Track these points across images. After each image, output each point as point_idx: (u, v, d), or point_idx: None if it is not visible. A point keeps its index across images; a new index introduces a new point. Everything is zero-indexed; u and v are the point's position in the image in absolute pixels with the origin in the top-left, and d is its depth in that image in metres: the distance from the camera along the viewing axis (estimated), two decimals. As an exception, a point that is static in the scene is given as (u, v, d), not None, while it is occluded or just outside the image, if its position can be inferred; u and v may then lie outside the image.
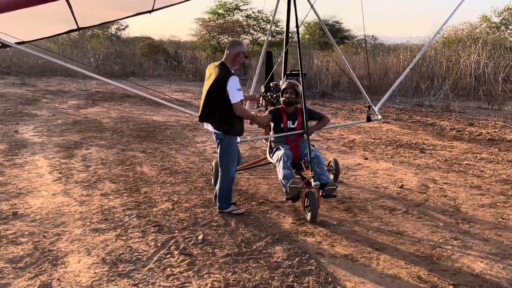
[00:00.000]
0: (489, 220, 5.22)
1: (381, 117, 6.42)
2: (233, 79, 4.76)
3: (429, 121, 12.14)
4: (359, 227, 4.94)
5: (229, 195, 5.19)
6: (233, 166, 5.12)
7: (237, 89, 4.77)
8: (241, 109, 4.91)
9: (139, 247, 4.32)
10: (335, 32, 33.69)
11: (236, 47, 4.95)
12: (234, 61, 4.97)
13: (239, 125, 5.01)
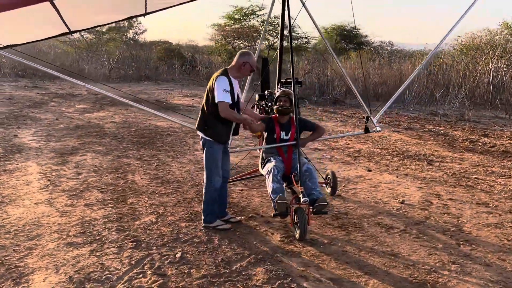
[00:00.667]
0: (494, 241, 4.85)
1: (380, 128, 6.08)
2: (221, 79, 4.61)
3: (442, 131, 11.71)
4: (351, 246, 4.62)
5: (214, 208, 4.91)
6: (217, 175, 4.85)
7: (222, 89, 4.56)
8: (226, 110, 4.60)
9: (111, 264, 4.07)
10: (352, 38, 33.31)
11: (244, 57, 4.78)
12: (239, 70, 4.81)
13: (221, 130, 4.77)
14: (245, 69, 4.79)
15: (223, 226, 4.91)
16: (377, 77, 19.82)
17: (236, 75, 4.80)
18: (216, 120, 4.68)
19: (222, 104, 4.57)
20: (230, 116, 4.67)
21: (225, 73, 4.72)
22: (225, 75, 4.68)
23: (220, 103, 4.57)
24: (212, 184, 4.82)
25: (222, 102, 4.57)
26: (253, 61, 4.80)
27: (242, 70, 4.79)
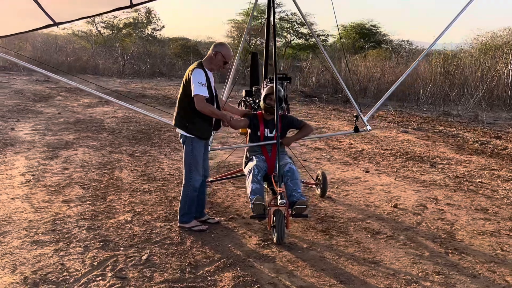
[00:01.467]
0: (486, 251, 4.52)
1: (370, 128, 5.77)
2: (197, 71, 4.36)
3: (452, 132, 11.30)
4: (331, 252, 4.34)
5: (190, 208, 4.68)
6: (197, 174, 4.59)
7: (198, 82, 4.30)
8: (203, 104, 4.34)
9: (72, 265, 3.88)
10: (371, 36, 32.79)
11: (216, 47, 4.52)
12: (211, 61, 4.53)
13: (202, 126, 4.53)
14: (217, 60, 4.50)
15: (199, 228, 4.68)
16: (392, 75, 19.35)
17: (209, 67, 4.54)
18: (197, 115, 4.45)
19: (198, 97, 4.32)
20: (206, 110, 4.41)
21: (201, 66, 4.47)
22: (200, 68, 4.43)
23: (196, 97, 4.32)
24: (191, 183, 4.58)
25: (198, 96, 4.32)
26: (226, 52, 4.50)
27: (214, 61, 4.51)
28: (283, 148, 5.27)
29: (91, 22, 31.22)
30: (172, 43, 32.30)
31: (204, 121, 4.53)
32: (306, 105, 15.54)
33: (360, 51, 28.97)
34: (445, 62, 19.11)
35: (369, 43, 32.62)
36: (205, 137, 4.63)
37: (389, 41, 31.61)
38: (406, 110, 15.20)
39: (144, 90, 17.16)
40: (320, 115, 13.46)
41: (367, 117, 5.77)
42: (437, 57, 19.91)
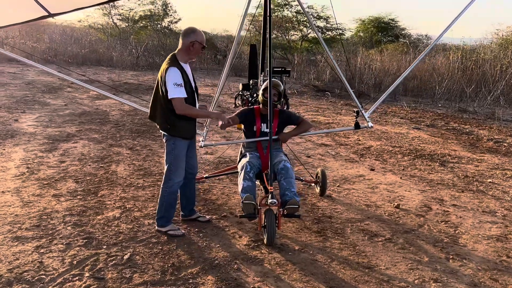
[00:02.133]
0: (490, 257, 4.26)
1: (372, 124, 5.49)
2: (171, 70, 4.00)
3: (466, 129, 10.93)
4: (324, 255, 4.13)
5: (168, 211, 4.37)
6: (177, 176, 4.29)
7: (173, 84, 3.96)
8: (183, 107, 4.06)
9: (51, 263, 3.73)
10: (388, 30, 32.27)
11: (190, 36, 4.13)
12: (188, 52, 4.17)
13: (186, 126, 4.23)
14: (195, 49, 4.15)
15: (175, 232, 4.35)
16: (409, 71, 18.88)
17: (186, 58, 4.20)
18: (178, 117, 4.12)
19: (176, 100, 4.01)
20: (188, 113, 4.12)
21: (174, 61, 4.11)
22: (174, 65, 4.06)
23: (174, 100, 4.01)
24: (170, 186, 4.28)
25: (175, 99, 4.01)
26: (201, 38, 4.14)
27: (192, 51, 4.16)
28: (279, 144, 5.04)
29: (107, 14, 31.27)
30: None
31: (187, 122, 4.24)
32: (318, 100, 15.26)
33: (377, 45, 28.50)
34: (463, 57, 18.60)
35: (387, 37, 32.14)
36: (190, 137, 4.35)
37: (407, 36, 31.01)
38: (420, 106, 14.81)
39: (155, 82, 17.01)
40: (331, 110, 13.18)
41: (368, 113, 5.50)
42: (455, 52, 19.39)
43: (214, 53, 28.69)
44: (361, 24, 33.48)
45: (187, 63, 4.25)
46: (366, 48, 26.15)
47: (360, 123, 5.43)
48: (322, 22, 30.45)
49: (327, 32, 31.10)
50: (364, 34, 33.60)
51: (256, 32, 30.45)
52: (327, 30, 31.12)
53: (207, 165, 6.73)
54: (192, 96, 4.21)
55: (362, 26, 33.44)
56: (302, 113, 12.29)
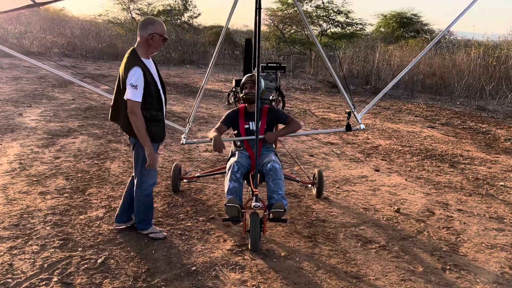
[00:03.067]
0: (491, 268, 3.95)
1: (364, 126, 5.17)
2: (133, 71, 3.58)
3: (483, 129, 10.49)
4: (311, 262, 3.88)
5: (147, 214, 4.12)
6: (151, 178, 4.01)
7: (130, 85, 3.56)
8: (135, 112, 3.60)
9: (21, 266, 3.57)
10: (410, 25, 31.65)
11: (147, 28, 3.69)
12: (148, 45, 3.74)
13: (157, 128, 3.86)
14: (155, 42, 3.73)
15: (156, 235, 4.14)
16: (428, 67, 18.40)
17: (147, 53, 3.78)
18: (146, 119, 3.71)
19: (131, 104, 3.60)
20: (133, 121, 3.64)
21: (135, 58, 3.69)
22: (135, 63, 3.63)
23: (129, 103, 3.61)
24: (144, 189, 4.01)
25: (131, 102, 3.60)
26: (162, 29, 3.74)
27: (152, 44, 3.75)
28: (269, 144, 4.79)
29: (126, 9, 31.36)
30: (207, 30, 32.04)
31: (157, 123, 3.86)
32: (331, 96, 14.92)
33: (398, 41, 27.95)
34: (485, 53, 18.01)
35: (408, 33, 31.56)
36: (159, 140, 3.99)
37: (429, 31, 30.33)
38: (437, 103, 14.36)
39: (168, 78, 16.92)
40: (344, 107, 12.84)
41: (361, 115, 5.19)
42: (476, 48, 18.79)
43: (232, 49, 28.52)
44: (382, 19, 32.95)
45: (150, 58, 3.86)
46: (386, 44, 25.64)
47: (352, 125, 5.12)
48: (342, 17, 29.99)
49: (347, 27, 30.64)
50: (385, 29, 33.06)
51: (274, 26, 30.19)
52: (347, 25, 30.66)
53: (203, 163, 6.52)
54: (158, 96, 3.84)
55: (383, 21, 32.91)
56: (313, 110, 12.00)
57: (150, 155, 3.77)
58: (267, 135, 4.56)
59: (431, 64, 18.40)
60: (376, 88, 16.25)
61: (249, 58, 5.60)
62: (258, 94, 4.31)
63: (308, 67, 22.31)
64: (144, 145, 3.75)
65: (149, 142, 3.75)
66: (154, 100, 3.78)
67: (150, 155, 3.77)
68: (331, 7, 29.77)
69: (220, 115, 6.99)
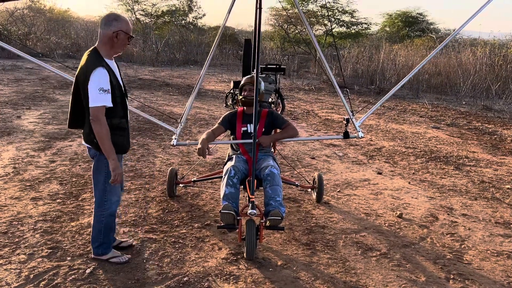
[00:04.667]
0: (497, 277, 3.79)
1: (362, 134, 5.00)
2: (98, 73, 3.16)
3: (489, 129, 10.30)
4: (308, 272, 3.73)
5: (107, 236, 3.69)
6: (113, 195, 3.58)
7: (98, 90, 3.14)
8: (100, 119, 3.19)
9: (5, 277, 3.44)
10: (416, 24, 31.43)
11: (111, 24, 3.28)
12: (112, 45, 3.32)
13: (121, 138, 3.45)
14: (120, 41, 3.32)
15: (118, 259, 3.72)
16: (433, 66, 18.17)
17: (110, 53, 3.37)
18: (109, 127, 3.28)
19: (96, 110, 3.16)
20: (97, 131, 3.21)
21: (99, 58, 3.27)
22: (101, 64, 3.21)
23: (94, 109, 3.16)
24: (106, 208, 3.57)
25: (96, 108, 3.16)
26: (127, 27, 3.33)
27: (117, 44, 3.33)
28: (268, 148, 4.65)
29: (130, 9, 31.34)
30: (211, 31, 31.92)
31: (121, 132, 3.46)
32: (335, 97, 14.74)
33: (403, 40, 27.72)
34: (491, 52, 17.78)
35: (414, 32, 31.35)
36: (123, 151, 3.58)
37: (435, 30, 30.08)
38: (443, 103, 14.16)
39: (171, 78, 16.81)
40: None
41: (359, 122, 5.03)
42: (482, 47, 18.56)
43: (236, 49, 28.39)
44: (388, 19, 32.78)
45: (113, 59, 3.44)
46: (391, 43, 25.43)
47: (350, 133, 4.96)
48: (347, 17, 29.84)
49: (352, 26, 30.53)
50: (390, 28, 32.87)
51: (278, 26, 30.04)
52: (352, 25, 30.53)
53: (202, 167, 6.39)
54: (122, 102, 3.43)
55: (389, 20, 32.73)
56: (316, 111, 11.83)
57: (115, 169, 3.32)
58: (261, 139, 4.40)
59: (436, 64, 18.18)
60: (381, 88, 16.06)
61: (248, 59, 5.45)
62: (257, 96, 4.17)
63: (312, 67, 22.11)
64: (108, 158, 3.30)
65: (114, 154, 3.31)
66: (118, 106, 3.36)
67: (116, 169, 3.32)
68: (336, 7, 29.65)
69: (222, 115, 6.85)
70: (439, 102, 14.44)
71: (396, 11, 31.87)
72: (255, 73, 4.35)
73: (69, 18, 34.72)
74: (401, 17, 31.70)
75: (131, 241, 4.05)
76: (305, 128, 9.48)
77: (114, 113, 3.34)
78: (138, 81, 15.47)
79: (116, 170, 3.33)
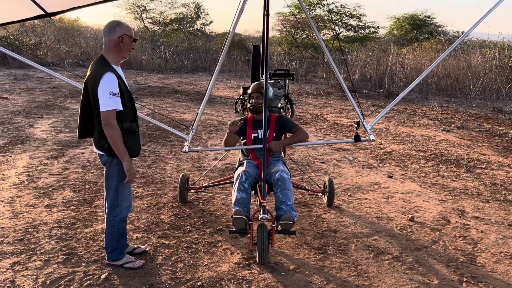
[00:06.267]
0: (511, 280, 3.77)
1: (373, 137, 4.96)
2: (107, 78, 3.23)
3: (500, 131, 10.24)
4: (321, 276, 3.74)
5: (120, 242, 3.75)
6: (125, 201, 3.65)
7: (108, 94, 3.22)
8: (112, 123, 3.27)
9: (23, 283, 3.49)
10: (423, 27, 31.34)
11: (115, 30, 3.37)
12: (119, 50, 3.41)
13: (129, 142, 3.47)
14: (126, 45, 3.41)
15: (132, 264, 3.78)
16: (442, 69, 18.12)
17: (117, 59, 3.46)
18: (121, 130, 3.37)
19: (107, 114, 3.24)
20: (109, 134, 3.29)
21: (107, 65, 3.34)
22: (108, 69, 3.27)
23: (105, 113, 3.24)
24: (118, 213, 3.64)
25: (108, 112, 3.24)
26: (130, 31, 3.42)
27: (123, 48, 3.41)
28: (278, 153, 4.68)
29: (139, 18, 31.61)
30: (219, 37, 32.06)
31: (132, 135, 3.52)
32: (344, 101, 14.74)
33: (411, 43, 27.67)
34: (501, 54, 17.69)
35: (422, 35, 31.29)
36: (135, 154, 3.58)
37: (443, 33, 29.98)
38: (452, 106, 14.10)
39: (180, 85, 16.91)
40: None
41: (370, 125, 5.01)
42: (491, 49, 18.47)
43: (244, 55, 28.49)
44: (395, 22, 32.73)
45: (119, 66, 3.52)
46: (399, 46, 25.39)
47: (361, 136, 4.94)
48: (355, 21, 29.87)
49: (360, 30, 30.56)
50: (398, 32, 32.83)
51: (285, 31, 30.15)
52: (360, 29, 30.56)
53: (212, 172, 6.42)
54: (132, 107, 3.52)
55: (396, 24, 32.69)
56: (325, 115, 11.85)
57: (130, 170, 3.42)
58: (271, 144, 4.42)
59: (445, 66, 18.13)
60: (390, 91, 16.03)
61: (256, 65, 5.49)
62: (266, 102, 4.20)
63: (321, 72, 22.14)
64: (122, 159, 3.39)
65: (127, 156, 3.40)
66: (128, 110, 3.45)
67: (130, 170, 3.42)
68: (344, 11, 29.70)
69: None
70: (449, 104, 14.38)
71: (404, 14, 31.83)
72: (263, 79, 4.38)
73: (79, 27, 35.06)
74: (408, 20, 31.67)
75: (145, 247, 4.09)
76: (314, 132, 9.49)
77: (124, 116, 3.42)
78: (147, 88, 15.58)
79: (131, 171, 3.44)
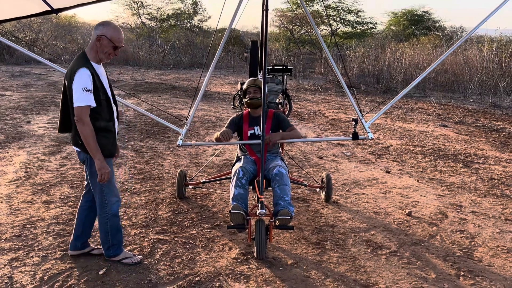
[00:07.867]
0: (508, 274, 3.79)
1: (372, 136, 4.87)
2: (81, 73, 3.16)
3: (498, 126, 10.26)
4: (319, 271, 3.75)
5: (116, 237, 3.70)
6: (113, 195, 3.60)
7: (81, 89, 3.14)
8: (84, 119, 3.18)
9: (20, 279, 3.49)
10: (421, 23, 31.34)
11: (98, 28, 3.30)
12: (96, 49, 3.30)
13: (107, 140, 3.40)
14: (102, 47, 3.28)
15: (130, 260, 3.75)
16: (440, 64, 18.10)
17: (96, 57, 3.33)
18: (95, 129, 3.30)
19: (79, 109, 3.16)
20: (82, 130, 3.22)
21: (85, 60, 3.26)
22: (85, 65, 3.21)
23: (77, 109, 3.16)
24: (108, 209, 3.59)
25: (80, 108, 3.16)
26: (112, 34, 3.28)
27: (100, 48, 3.29)
28: (276, 149, 4.68)
29: (136, 14, 31.50)
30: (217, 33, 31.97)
31: (107, 134, 3.42)
32: (342, 97, 14.75)
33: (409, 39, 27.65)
34: (498, 49, 17.69)
35: (420, 30, 31.28)
36: (112, 153, 3.52)
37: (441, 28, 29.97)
38: (450, 101, 14.12)
39: (177, 81, 16.88)
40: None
41: (369, 123, 4.94)
42: (489, 44, 18.47)
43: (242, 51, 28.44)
44: (393, 18, 32.73)
45: (100, 64, 3.41)
46: (397, 42, 25.38)
47: (359, 134, 4.85)
48: (353, 16, 29.84)
49: (357, 26, 30.51)
50: (396, 27, 32.81)
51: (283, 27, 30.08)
52: (358, 24, 30.51)
53: (210, 168, 6.43)
54: (108, 106, 3.40)
55: (394, 19, 32.68)
56: (323, 111, 11.85)
57: (101, 169, 3.31)
58: (270, 135, 4.40)
59: (443, 62, 18.09)
60: (387, 87, 16.04)
61: (255, 60, 5.48)
62: (264, 97, 4.20)
63: (318, 67, 22.12)
64: (93, 157, 3.29)
65: (99, 154, 3.29)
66: (103, 109, 3.35)
67: (102, 169, 3.31)
68: (341, 7, 29.64)
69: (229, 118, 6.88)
70: (447, 100, 14.40)
71: (402, 10, 31.82)
72: (262, 74, 4.38)
73: (76, 23, 34.94)
74: (406, 16, 31.65)
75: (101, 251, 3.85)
76: (312, 128, 9.50)
77: (99, 115, 3.33)
78: (145, 84, 15.55)
79: (102, 170, 3.32)
